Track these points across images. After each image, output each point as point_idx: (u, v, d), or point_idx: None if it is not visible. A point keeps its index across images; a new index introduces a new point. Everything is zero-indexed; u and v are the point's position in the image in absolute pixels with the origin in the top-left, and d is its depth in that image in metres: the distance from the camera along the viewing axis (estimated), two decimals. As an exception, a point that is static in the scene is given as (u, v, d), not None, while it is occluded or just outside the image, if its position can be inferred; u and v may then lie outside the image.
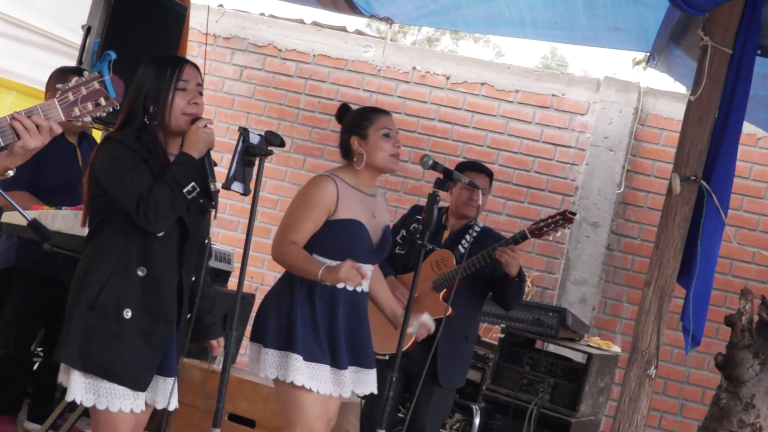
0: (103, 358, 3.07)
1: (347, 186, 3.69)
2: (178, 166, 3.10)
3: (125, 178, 3.07)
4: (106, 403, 3.08)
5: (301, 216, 3.63)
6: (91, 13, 5.12)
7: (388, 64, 7.53)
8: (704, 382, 6.73)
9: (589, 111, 7.19)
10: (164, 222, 3.09)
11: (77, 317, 3.08)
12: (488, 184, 4.72)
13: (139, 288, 3.12)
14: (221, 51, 7.82)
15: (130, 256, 3.13)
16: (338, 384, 3.64)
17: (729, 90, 4.74)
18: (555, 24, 6.56)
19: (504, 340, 5.64)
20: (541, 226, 4.48)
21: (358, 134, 3.73)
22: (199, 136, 3.14)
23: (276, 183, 7.61)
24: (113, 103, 2.63)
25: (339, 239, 3.63)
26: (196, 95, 3.21)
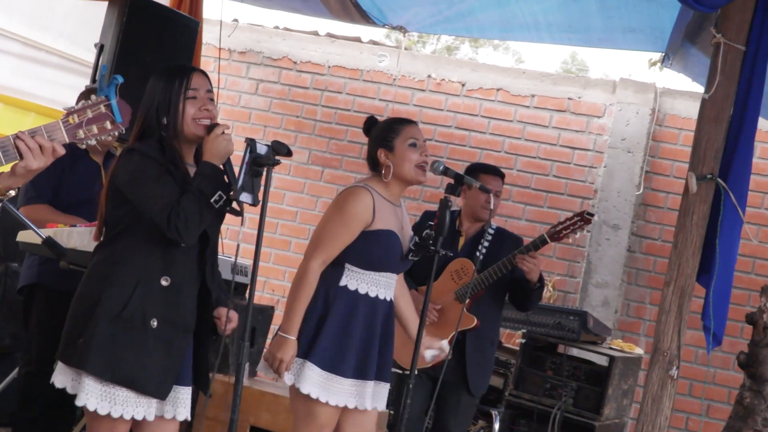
0: (130, 369, 3.08)
1: (381, 198, 3.70)
2: (202, 176, 3.12)
3: (153, 189, 3.09)
4: (121, 411, 3.10)
5: (337, 228, 3.62)
6: (104, 31, 5.17)
7: (403, 73, 7.54)
8: (730, 382, 6.66)
9: (606, 113, 7.16)
10: (195, 233, 3.12)
11: (102, 328, 3.07)
12: (501, 186, 4.71)
13: (162, 298, 3.15)
14: (237, 65, 7.86)
15: (153, 267, 3.15)
16: (361, 396, 3.63)
17: (744, 87, 4.70)
18: (569, 27, 6.55)
19: (526, 345, 5.62)
20: (559, 230, 4.46)
21: (385, 146, 3.73)
22: (219, 143, 3.16)
23: (295, 195, 7.63)
24: (119, 128, 2.65)
25: (375, 250, 3.63)
26: (207, 102, 3.23)
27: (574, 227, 4.43)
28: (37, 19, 6.00)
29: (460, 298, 4.54)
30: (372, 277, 3.66)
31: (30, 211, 4.50)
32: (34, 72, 6.10)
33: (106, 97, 2.64)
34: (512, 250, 4.52)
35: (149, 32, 5.38)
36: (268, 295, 7.58)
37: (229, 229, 7.43)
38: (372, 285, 3.65)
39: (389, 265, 3.68)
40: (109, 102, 2.63)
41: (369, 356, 3.62)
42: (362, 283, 3.64)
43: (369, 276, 3.66)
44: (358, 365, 3.61)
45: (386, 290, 3.70)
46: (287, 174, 7.68)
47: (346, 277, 3.65)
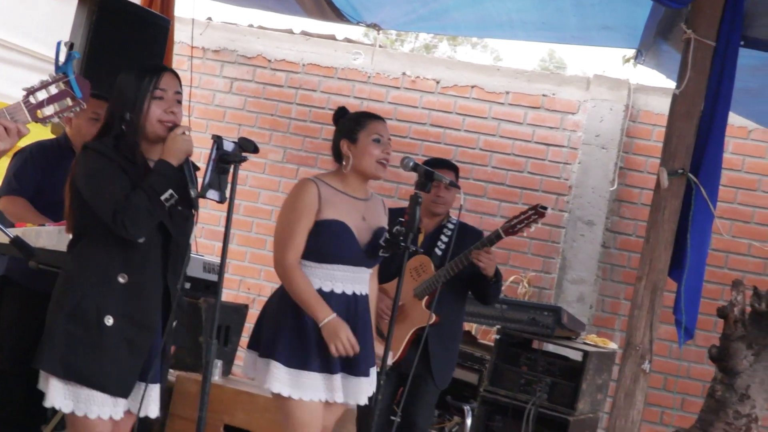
0: (85, 366, 3.07)
1: (331, 188, 3.68)
2: (155, 174, 3.11)
3: (102, 186, 3.09)
4: (85, 410, 3.10)
5: (293, 225, 3.62)
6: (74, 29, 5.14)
7: (378, 71, 7.54)
8: (704, 376, 6.69)
9: (580, 110, 7.19)
10: (142, 230, 3.10)
11: (58, 325, 3.09)
12: (454, 178, 4.71)
13: (120, 295, 3.14)
14: (211, 64, 7.84)
15: (111, 264, 3.14)
16: (330, 389, 3.62)
17: (714, 82, 4.73)
18: (544, 24, 6.56)
19: (500, 341, 5.62)
20: (514, 224, 4.46)
21: (349, 138, 3.73)
22: (177, 143, 3.15)
23: (270, 194, 7.61)
24: (80, 103, 2.65)
25: (323, 241, 3.62)
26: (174, 104, 3.22)
27: (528, 221, 4.43)
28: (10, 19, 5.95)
29: (419, 295, 4.55)
30: (324, 270, 3.65)
31: (8, 202, 4.47)
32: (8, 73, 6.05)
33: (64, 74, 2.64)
34: (472, 244, 4.53)
35: (119, 31, 5.36)
36: (244, 293, 7.57)
37: (204, 228, 7.41)
38: (326, 279, 3.64)
39: (343, 258, 3.65)
40: (68, 78, 2.62)
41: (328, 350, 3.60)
42: (315, 277, 3.63)
43: (321, 269, 3.64)
44: (322, 359, 3.60)
45: (343, 284, 3.67)
46: (262, 173, 7.67)
47: None
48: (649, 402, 6.60)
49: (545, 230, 7.07)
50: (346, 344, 3.55)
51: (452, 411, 5.70)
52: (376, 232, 3.75)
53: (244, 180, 7.62)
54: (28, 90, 2.67)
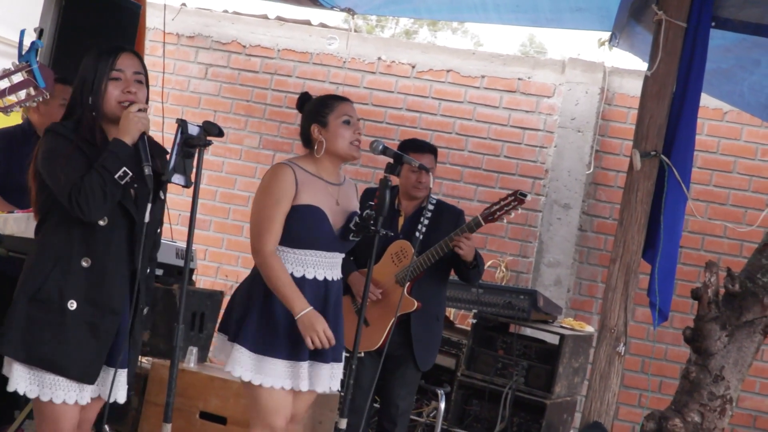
0: (47, 350, 3.05)
1: (306, 173, 3.65)
2: (109, 153, 3.08)
3: (58, 167, 3.06)
4: (50, 395, 3.07)
5: (271, 211, 3.57)
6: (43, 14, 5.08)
7: (353, 56, 7.51)
8: (681, 358, 6.69)
9: (556, 93, 7.18)
10: (98, 211, 3.07)
11: (20, 309, 3.06)
12: (434, 162, 4.69)
13: (83, 279, 3.11)
14: (185, 50, 7.79)
15: (72, 247, 3.11)
16: (294, 377, 3.59)
17: (685, 64, 4.75)
18: (517, 7, 6.54)
19: (477, 325, 5.63)
20: (494, 211, 4.45)
21: (318, 122, 3.69)
22: (130, 120, 3.11)
23: (246, 180, 7.58)
24: (43, 93, 2.62)
25: (298, 226, 3.58)
26: (132, 83, 3.18)
27: (508, 207, 4.42)
28: (-21, 5, 5.89)
29: (401, 281, 4.53)
30: (297, 256, 3.61)
31: None
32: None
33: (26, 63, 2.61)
34: (452, 224, 4.53)
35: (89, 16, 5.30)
36: (221, 280, 7.54)
37: (180, 215, 7.37)
38: (298, 264, 3.60)
39: (316, 243, 3.62)
40: (31, 67, 2.59)
41: (300, 337, 3.57)
42: (288, 263, 3.59)
43: (294, 255, 3.61)
44: (290, 346, 3.57)
45: (316, 269, 3.64)
46: (238, 159, 7.63)
47: None
48: (626, 384, 6.62)
49: (522, 214, 7.05)
50: (322, 337, 3.52)
51: (430, 396, 5.70)
52: (349, 216, 3.72)
53: (219, 166, 7.59)
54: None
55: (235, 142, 7.60)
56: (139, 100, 3.17)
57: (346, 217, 3.70)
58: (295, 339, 3.56)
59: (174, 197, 6.19)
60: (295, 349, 3.57)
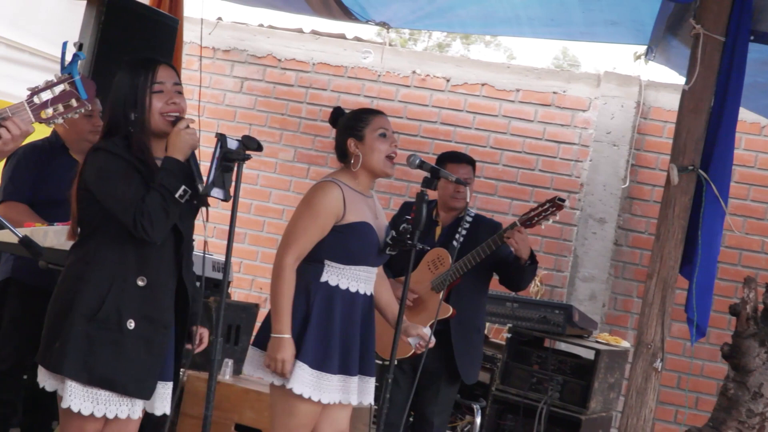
0: (108, 370, 3.05)
1: (351, 190, 3.67)
2: (165, 172, 3.08)
3: (118, 188, 3.06)
4: (104, 410, 3.08)
5: (307, 223, 3.59)
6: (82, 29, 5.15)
7: (387, 69, 7.53)
8: (718, 374, 6.66)
9: (591, 107, 7.16)
10: (162, 231, 3.09)
11: (77, 329, 3.05)
12: (471, 173, 4.69)
13: (139, 297, 3.12)
14: (221, 64, 7.84)
15: (128, 266, 3.12)
16: (346, 391, 3.61)
17: (723, 77, 4.70)
18: (551, 21, 6.54)
19: (511, 339, 5.61)
20: (531, 216, 4.45)
21: (355, 136, 3.69)
22: (182, 137, 3.12)
23: (281, 193, 7.61)
24: (84, 104, 2.64)
25: (351, 243, 3.61)
26: (174, 95, 3.20)
27: (546, 213, 4.41)
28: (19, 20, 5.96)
29: (436, 287, 4.53)
30: (351, 271, 3.64)
31: (8, 208, 4.47)
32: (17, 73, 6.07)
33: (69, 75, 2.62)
34: (488, 236, 4.50)
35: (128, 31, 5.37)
36: (255, 293, 7.57)
37: (216, 228, 7.41)
38: (352, 280, 3.63)
39: (367, 258, 3.65)
40: (73, 79, 2.61)
41: (351, 351, 3.60)
42: (342, 278, 3.62)
43: (348, 271, 3.63)
44: (342, 361, 3.59)
45: (365, 284, 3.67)
46: (273, 172, 7.67)
47: (326, 273, 3.63)
48: (663, 401, 6.56)
49: (557, 228, 7.04)
50: (280, 368, 3.52)
51: (464, 410, 5.68)
52: (386, 229, 3.74)
53: (254, 179, 7.62)
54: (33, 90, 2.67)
55: (270, 156, 7.64)
56: (183, 111, 3.19)
57: (384, 231, 3.72)
58: (347, 353, 3.58)
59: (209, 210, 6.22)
60: (346, 363, 3.60)
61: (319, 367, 3.56)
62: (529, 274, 4.57)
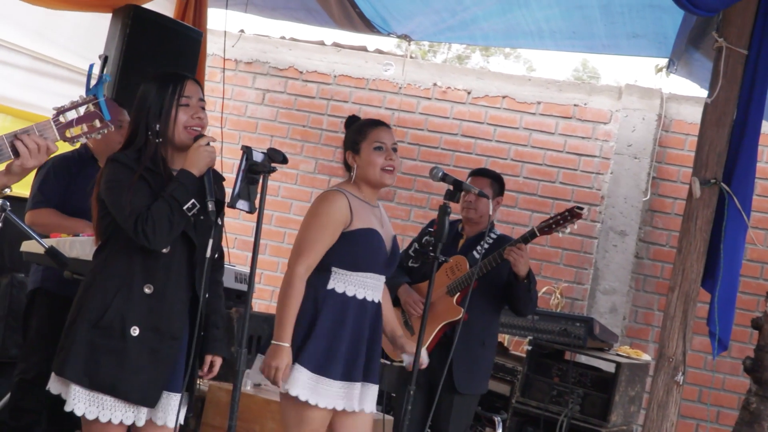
0: (109, 376, 3.09)
1: (357, 199, 3.71)
2: (177, 183, 3.13)
3: (122, 197, 3.10)
4: (109, 416, 3.12)
5: (316, 233, 3.63)
6: (108, 42, 5.20)
7: (408, 81, 7.56)
8: (739, 388, 6.62)
9: (612, 119, 7.16)
10: (163, 239, 3.12)
11: (81, 335, 3.10)
12: (489, 185, 4.69)
13: (145, 305, 3.15)
14: (243, 75, 7.89)
15: (134, 274, 3.16)
16: (349, 398, 3.62)
17: (746, 91, 4.70)
18: (573, 34, 6.56)
19: (532, 352, 5.60)
20: (550, 223, 4.47)
21: (352, 149, 3.76)
22: (200, 154, 3.16)
23: (302, 204, 7.64)
24: (108, 125, 2.70)
25: (357, 250, 3.64)
26: (199, 110, 3.24)
27: (564, 221, 4.44)
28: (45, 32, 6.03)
29: (451, 291, 4.54)
30: (358, 278, 3.66)
31: (36, 215, 4.52)
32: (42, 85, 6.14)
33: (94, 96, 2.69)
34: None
35: (152, 43, 5.42)
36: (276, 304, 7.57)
37: (237, 238, 7.45)
38: (359, 287, 3.66)
39: (374, 265, 3.67)
40: (97, 100, 2.67)
41: (357, 358, 3.62)
42: (349, 285, 3.64)
43: (355, 277, 3.66)
44: (346, 367, 3.61)
45: (372, 291, 3.70)
46: (294, 183, 7.70)
47: (333, 281, 3.66)
48: (684, 414, 6.54)
49: (577, 240, 7.04)
50: (272, 374, 3.54)
51: (484, 422, 5.68)
52: (393, 239, 3.77)
53: (276, 191, 7.66)
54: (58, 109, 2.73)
55: (291, 167, 7.67)
56: (205, 127, 3.23)
57: (391, 240, 3.75)
58: (352, 360, 3.60)
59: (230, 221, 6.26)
60: (350, 370, 3.61)
61: (319, 372, 3.58)
62: (524, 293, 4.53)
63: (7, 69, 5.86)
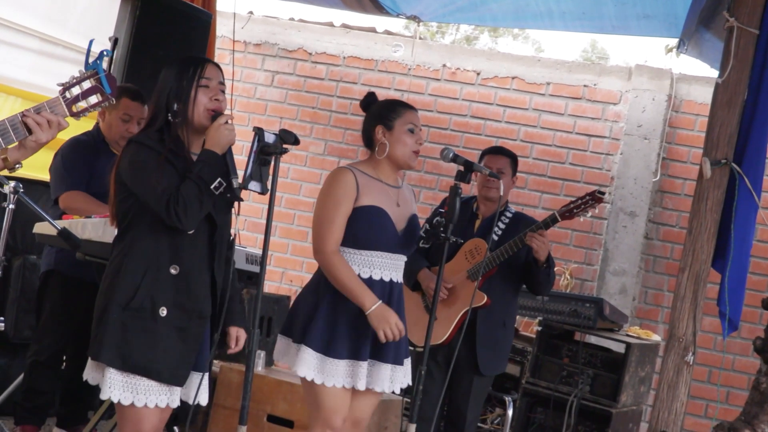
0: (142, 357, 3.12)
1: (365, 176, 3.70)
2: (203, 163, 3.15)
3: (151, 179, 3.12)
4: (144, 400, 3.14)
5: (332, 213, 3.63)
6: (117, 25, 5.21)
7: (418, 63, 7.54)
8: (749, 368, 6.63)
9: (622, 100, 7.14)
10: (195, 219, 3.15)
11: (113, 317, 3.13)
12: (509, 165, 4.70)
13: (172, 286, 3.18)
14: (252, 57, 7.89)
15: (161, 255, 3.18)
16: (353, 376, 3.62)
17: (757, 71, 4.68)
18: (583, 14, 6.53)
19: (542, 332, 5.62)
20: (571, 208, 4.48)
21: (384, 124, 3.73)
22: (221, 132, 3.18)
23: (311, 186, 7.65)
24: (109, 98, 2.78)
25: (362, 227, 3.63)
26: (218, 93, 3.26)
27: (585, 206, 4.45)
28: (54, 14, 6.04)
29: (472, 276, 4.55)
30: (364, 257, 3.65)
31: (70, 198, 4.53)
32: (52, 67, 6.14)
33: (94, 71, 2.75)
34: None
35: (162, 26, 5.43)
36: (286, 285, 7.62)
37: (247, 220, 7.47)
38: (365, 266, 3.65)
39: (381, 243, 3.66)
40: (98, 75, 2.74)
41: (361, 336, 3.62)
42: (354, 264, 3.64)
43: (361, 256, 3.65)
44: (351, 346, 3.62)
45: (383, 270, 3.68)
46: (303, 165, 7.71)
47: None
48: (693, 395, 6.55)
49: (587, 222, 7.03)
50: (395, 330, 3.57)
51: (494, 402, 5.70)
52: (410, 218, 3.76)
53: (285, 172, 7.67)
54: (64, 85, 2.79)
55: (301, 149, 7.67)
56: (223, 110, 3.24)
57: (408, 220, 3.74)
58: (356, 338, 3.61)
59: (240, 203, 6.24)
60: (355, 348, 3.62)
61: (323, 352, 3.59)
62: (544, 277, 4.58)
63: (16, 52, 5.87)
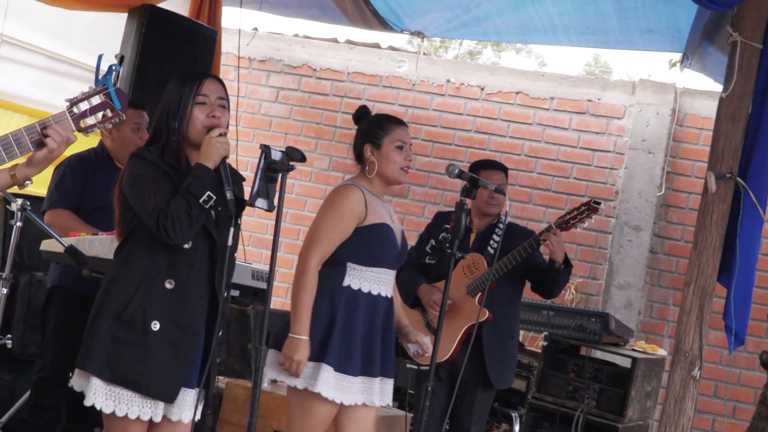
0: (130, 370, 3.11)
1: (369, 192, 3.72)
2: (192, 178, 3.15)
3: (145, 193, 3.13)
4: (126, 410, 3.13)
5: (331, 226, 3.64)
6: (124, 42, 5.24)
7: (422, 78, 7.57)
8: (755, 382, 6.62)
9: (626, 114, 7.15)
10: (184, 234, 3.14)
11: (104, 328, 3.12)
12: (505, 180, 4.72)
13: (167, 300, 3.17)
14: (257, 73, 7.92)
15: (157, 269, 3.18)
16: (368, 392, 3.64)
17: (761, 85, 4.69)
18: (587, 29, 6.56)
19: (548, 347, 5.61)
20: (567, 219, 4.48)
21: (372, 143, 3.74)
22: (212, 145, 3.18)
23: (316, 201, 7.66)
24: (119, 114, 2.75)
25: (371, 245, 3.65)
26: (217, 108, 3.25)
27: (581, 216, 4.45)
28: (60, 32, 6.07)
29: (472, 291, 4.55)
30: (372, 273, 3.67)
31: (54, 215, 4.56)
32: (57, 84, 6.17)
33: (104, 86, 2.73)
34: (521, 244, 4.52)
35: (168, 42, 5.45)
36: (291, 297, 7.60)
37: (252, 236, 7.48)
38: (373, 282, 3.67)
39: (387, 260, 3.69)
40: (108, 90, 2.71)
41: (373, 353, 3.63)
42: (364, 281, 3.66)
43: (369, 273, 3.67)
44: (365, 363, 3.63)
45: (385, 287, 3.71)
46: (308, 181, 7.72)
47: (348, 277, 3.67)
48: (700, 409, 6.53)
49: (592, 236, 7.04)
50: (294, 367, 3.56)
51: (500, 418, 5.69)
52: (402, 234, 3.80)
53: (290, 188, 7.68)
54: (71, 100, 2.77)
55: (305, 165, 7.61)
56: (223, 125, 3.24)
57: (401, 235, 3.77)
58: (369, 355, 3.62)
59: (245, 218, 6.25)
60: (368, 364, 3.63)
61: (342, 370, 3.60)
62: (564, 278, 4.58)
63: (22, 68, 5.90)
